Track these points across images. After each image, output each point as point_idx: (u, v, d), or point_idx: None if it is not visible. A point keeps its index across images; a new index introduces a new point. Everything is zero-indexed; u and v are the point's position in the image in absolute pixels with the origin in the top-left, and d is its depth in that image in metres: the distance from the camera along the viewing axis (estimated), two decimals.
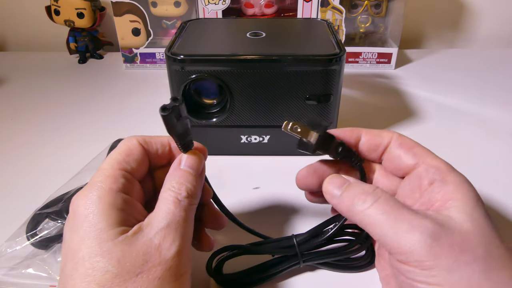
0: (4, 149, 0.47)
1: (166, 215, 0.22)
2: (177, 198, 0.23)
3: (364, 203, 0.22)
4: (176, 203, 0.23)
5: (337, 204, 0.24)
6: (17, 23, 0.82)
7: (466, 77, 0.65)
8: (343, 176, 0.25)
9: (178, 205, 0.23)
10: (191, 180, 0.24)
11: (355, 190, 0.24)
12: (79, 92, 0.62)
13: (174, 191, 0.23)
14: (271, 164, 0.43)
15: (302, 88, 0.39)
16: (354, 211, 0.23)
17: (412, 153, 0.25)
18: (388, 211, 0.22)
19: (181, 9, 0.67)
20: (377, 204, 0.22)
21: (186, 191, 0.24)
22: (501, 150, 0.46)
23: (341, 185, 0.24)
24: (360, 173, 0.27)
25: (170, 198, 0.23)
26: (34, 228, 0.32)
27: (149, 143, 0.27)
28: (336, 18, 0.65)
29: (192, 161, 0.25)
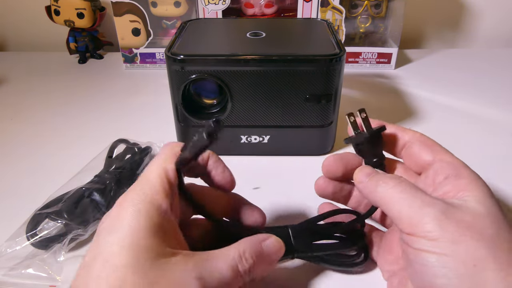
0: (4, 149, 0.47)
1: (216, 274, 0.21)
2: (237, 268, 0.22)
3: (386, 185, 0.25)
4: (233, 269, 0.22)
5: (363, 187, 0.26)
6: (17, 23, 0.82)
7: (466, 77, 0.65)
8: (371, 168, 0.27)
9: (233, 272, 0.22)
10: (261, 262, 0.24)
11: (380, 177, 0.26)
12: (79, 92, 0.62)
13: (241, 257, 0.23)
14: (271, 164, 0.43)
15: (302, 88, 0.39)
16: (377, 191, 0.25)
17: (430, 150, 0.27)
18: (406, 191, 0.24)
19: (181, 9, 0.67)
20: (398, 185, 0.24)
21: (249, 268, 0.23)
22: (502, 150, 0.46)
23: (370, 173, 0.27)
24: None
25: (231, 262, 0.22)
26: (34, 228, 0.32)
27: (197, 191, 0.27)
28: (336, 18, 0.65)
29: (272, 246, 0.25)
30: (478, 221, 0.21)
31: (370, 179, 0.26)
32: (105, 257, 0.19)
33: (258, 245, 0.24)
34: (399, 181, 0.25)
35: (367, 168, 0.28)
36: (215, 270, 0.21)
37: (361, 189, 0.27)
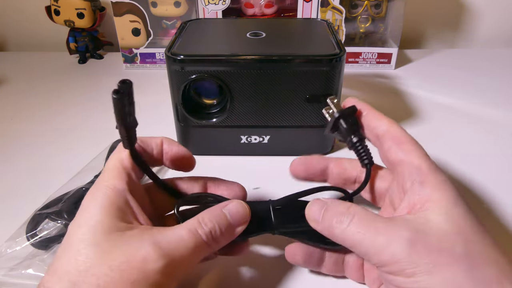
0: (4, 149, 0.47)
1: (173, 236, 0.22)
2: (196, 231, 0.23)
3: (341, 224, 0.23)
4: (192, 232, 0.23)
5: (319, 229, 0.25)
6: (17, 23, 0.82)
7: (466, 77, 0.65)
8: (321, 200, 0.26)
9: (191, 235, 0.22)
10: (223, 224, 0.24)
11: (331, 213, 0.24)
12: (79, 92, 0.62)
13: (199, 222, 0.23)
14: (271, 164, 0.43)
15: (302, 88, 0.39)
16: (335, 233, 0.24)
17: (401, 149, 0.25)
18: (363, 228, 0.22)
19: (181, 9, 0.67)
20: (352, 223, 0.23)
21: (210, 231, 0.23)
22: (502, 150, 0.46)
23: (320, 209, 0.25)
24: (366, 174, 0.27)
25: (190, 226, 0.23)
26: (34, 229, 0.32)
27: (145, 143, 0.27)
28: (336, 18, 0.65)
29: (235, 209, 0.25)
30: (445, 240, 0.20)
31: (322, 218, 0.24)
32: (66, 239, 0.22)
33: (218, 210, 0.25)
34: (351, 216, 0.23)
35: (315, 203, 0.25)
36: (172, 235, 0.22)
37: (320, 231, 0.25)
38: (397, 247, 0.21)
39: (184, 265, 0.22)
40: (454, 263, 0.20)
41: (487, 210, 0.36)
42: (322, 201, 0.25)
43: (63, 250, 0.21)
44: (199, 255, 0.23)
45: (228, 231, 0.24)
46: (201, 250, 0.23)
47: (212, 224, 0.23)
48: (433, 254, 0.20)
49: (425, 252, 0.20)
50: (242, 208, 0.25)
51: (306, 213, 0.26)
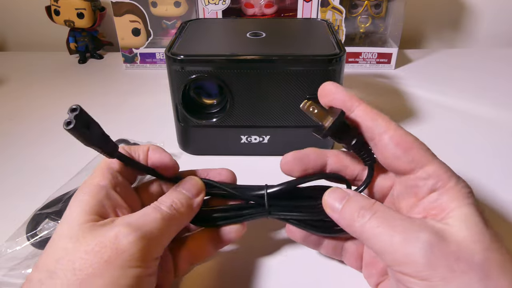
0: (4, 149, 0.47)
1: (140, 214, 0.23)
2: (158, 206, 0.24)
3: (362, 219, 0.23)
4: (155, 208, 0.24)
5: (337, 219, 0.24)
6: (17, 23, 0.82)
7: (466, 77, 0.65)
8: (343, 190, 0.25)
9: (155, 210, 0.24)
10: (180, 197, 0.26)
11: (354, 205, 0.24)
12: (79, 92, 0.62)
13: (159, 201, 0.25)
14: (271, 164, 0.43)
15: (302, 88, 0.39)
16: (354, 226, 0.23)
17: (410, 156, 0.23)
18: (384, 224, 0.22)
19: (181, 9, 0.67)
20: (374, 218, 0.22)
21: (170, 203, 0.25)
22: (502, 150, 0.46)
23: (341, 199, 0.24)
24: (368, 172, 0.26)
25: (152, 204, 0.24)
26: (34, 229, 0.32)
27: (133, 150, 0.28)
28: (336, 18, 0.65)
29: (189, 184, 0.27)
30: (465, 248, 0.20)
31: (343, 209, 0.24)
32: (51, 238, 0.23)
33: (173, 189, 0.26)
34: (374, 211, 0.23)
35: (336, 192, 0.25)
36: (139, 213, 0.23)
37: (336, 221, 0.25)
38: (414, 248, 0.20)
39: (156, 238, 0.23)
40: (470, 272, 0.20)
41: (487, 210, 0.36)
42: (344, 191, 0.25)
43: (45, 248, 0.22)
44: (169, 228, 0.24)
45: (187, 201, 0.26)
46: (169, 222, 0.24)
47: (170, 199, 0.25)
48: (451, 260, 0.20)
49: (443, 257, 0.20)
50: (194, 181, 0.27)
51: (325, 199, 0.25)
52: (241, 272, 0.31)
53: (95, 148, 0.24)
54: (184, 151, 0.45)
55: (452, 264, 0.20)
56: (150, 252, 0.22)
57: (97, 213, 0.23)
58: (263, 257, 0.32)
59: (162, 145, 0.44)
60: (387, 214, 0.22)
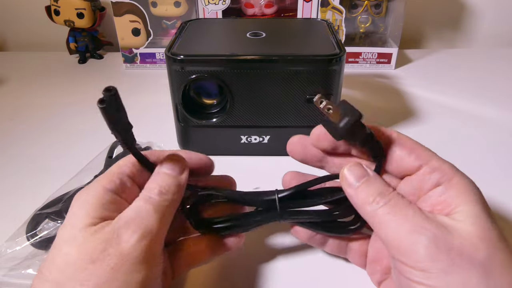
0: (4, 149, 0.47)
1: (134, 209, 0.23)
2: (147, 195, 0.24)
3: (376, 204, 0.23)
4: (145, 199, 0.23)
5: (351, 195, 0.24)
6: (17, 23, 0.82)
7: (466, 77, 0.65)
8: (364, 167, 0.25)
9: (147, 201, 0.23)
10: (166, 179, 0.25)
11: (371, 188, 0.24)
12: (79, 92, 0.62)
13: (147, 189, 0.24)
14: (271, 164, 0.43)
15: (302, 88, 0.39)
16: (365, 209, 0.23)
17: (415, 155, 0.24)
18: (395, 211, 0.22)
19: (181, 9, 0.67)
20: (388, 205, 0.22)
21: (159, 189, 0.24)
22: (502, 150, 0.46)
23: (360, 177, 0.24)
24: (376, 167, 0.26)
25: (142, 195, 0.24)
26: (34, 229, 0.32)
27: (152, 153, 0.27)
28: (336, 18, 0.65)
29: (169, 163, 0.26)
30: (469, 244, 0.20)
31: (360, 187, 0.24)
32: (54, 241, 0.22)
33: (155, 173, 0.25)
34: (389, 198, 0.23)
35: (357, 168, 0.25)
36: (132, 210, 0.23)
37: (349, 195, 0.25)
38: (419, 238, 0.21)
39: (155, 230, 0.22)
40: (471, 268, 0.20)
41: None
42: (365, 170, 0.24)
43: (49, 252, 0.22)
44: (163, 215, 0.23)
45: (174, 182, 0.25)
46: (161, 209, 0.23)
47: (156, 185, 0.24)
48: (453, 254, 0.20)
49: (446, 251, 0.20)
50: (175, 157, 0.26)
51: (344, 174, 0.25)
52: (242, 272, 0.31)
53: (117, 133, 0.23)
54: None
55: (454, 258, 0.20)
56: (152, 250, 0.22)
57: (101, 217, 0.22)
58: (265, 257, 0.32)
59: (162, 146, 0.44)
60: (400, 203, 0.23)
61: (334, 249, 0.29)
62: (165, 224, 0.24)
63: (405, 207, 0.22)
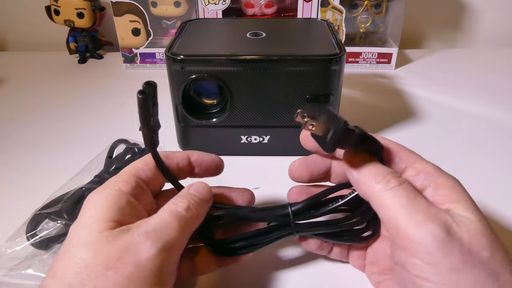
0: (4, 149, 0.47)
1: (158, 221, 0.22)
2: (175, 209, 0.23)
3: (387, 184, 0.22)
4: (172, 213, 0.23)
5: (355, 175, 0.23)
6: (17, 23, 0.82)
7: (466, 77, 0.65)
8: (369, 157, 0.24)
9: (173, 215, 0.23)
10: (196, 200, 0.25)
11: (379, 170, 0.23)
12: (79, 92, 0.62)
13: (175, 204, 0.24)
14: (271, 164, 0.43)
15: (302, 88, 0.39)
16: (374, 188, 0.22)
17: (398, 158, 0.24)
18: (409, 196, 0.21)
19: (181, 9, 0.67)
20: (400, 188, 0.21)
21: (187, 205, 0.24)
22: (502, 150, 0.46)
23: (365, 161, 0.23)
24: None
25: (168, 208, 0.24)
26: (34, 229, 0.32)
27: (169, 157, 0.27)
28: (336, 18, 0.65)
29: (200, 187, 0.26)
30: (475, 241, 0.20)
31: (366, 167, 0.23)
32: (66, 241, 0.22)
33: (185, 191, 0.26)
34: (401, 181, 0.22)
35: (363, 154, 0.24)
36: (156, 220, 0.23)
37: (352, 177, 0.24)
38: (434, 228, 0.20)
39: (175, 245, 0.22)
40: (480, 266, 0.19)
41: (486, 210, 0.36)
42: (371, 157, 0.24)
43: (61, 252, 0.22)
44: (185, 232, 0.23)
45: (200, 204, 0.25)
46: (185, 226, 0.23)
47: (186, 201, 0.24)
48: (463, 251, 0.19)
49: (457, 246, 0.19)
50: (204, 185, 0.27)
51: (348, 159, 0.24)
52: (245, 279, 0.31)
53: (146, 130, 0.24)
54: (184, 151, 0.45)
55: (464, 255, 0.19)
56: (169, 264, 0.22)
57: (117, 220, 0.22)
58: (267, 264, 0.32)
59: (163, 146, 0.44)
60: (414, 190, 0.22)
61: (338, 255, 0.30)
62: (185, 239, 0.24)
63: (419, 196, 0.21)
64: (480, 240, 0.20)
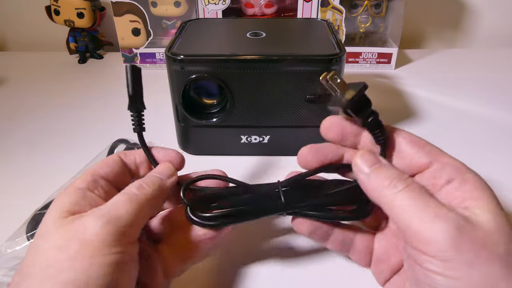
0: (4, 149, 0.47)
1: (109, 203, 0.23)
2: (128, 190, 0.24)
3: (394, 188, 0.22)
4: (124, 193, 0.24)
5: (364, 180, 0.24)
6: (17, 23, 0.82)
7: (466, 77, 0.65)
8: (376, 155, 0.25)
9: (124, 195, 0.24)
10: (153, 179, 0.26)
11: (387, 172, 0.23)
12: (79, 92, 0.62)
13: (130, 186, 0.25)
14: (271, 164, 0.43)
15: (302, 88, 0.39)
16: (382, 193, 0.23)
17: (425, 151, 0.24)
18: (416, 198, 0.21)
19: (181, 9, 0.67)
20: (407, 190, 0.22)
21: (140, 184, 0.25)
22: (501, 150, 0.46)
23: (372, 164, 0.24)
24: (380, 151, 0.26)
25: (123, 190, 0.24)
26: (34, 228, 0.32)
27: (127, 154, 0.28)
28: (336, 18, 0.65)
29: (161, 167, 0.27)
30: (490, 237, 0.20)
31: (374, 173, 0.23)
32: None
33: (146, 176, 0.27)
34: (407, 183, 0.22)
35: (369, 155, 0.24)
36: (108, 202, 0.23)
37: (361, 182, 0.24)
38: (444, 226, 0.20)
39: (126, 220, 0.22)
40: (495, 261, 0.19)
41: None
42: (377, 157, 0.24)
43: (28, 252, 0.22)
44: (140, 209, 0.23)
45: (158, 182, 0.26)
46: (138, 202, 0.23)
47: (141, 181, 0.25)
48: (477, 246, 0.20)
49: (470, 242, 0.20)
50: (166, 165, 0.28)
51: (356, 161, 0.25)
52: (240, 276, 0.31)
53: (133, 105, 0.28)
54: (184, 151, 0.45)
55: (478, 251, 0.19)
56: (122, 235, 0.22)
57: (71, 211, 0.23)
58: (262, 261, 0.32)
59: (162, 145, 0.44)
60: (421, 190, 0.22)
61: (337, 245, 0.28)
62: (141, 214, 0.24)
63: (426, 195, 0.22)
64: (495, 237, 0.20)
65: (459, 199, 0.22)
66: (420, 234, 0.20)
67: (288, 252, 0.32)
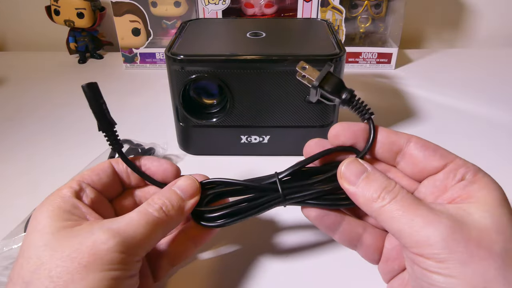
0: (4, 149, 0.47)
1: (124, 218, 0.22)
2: (146, 209, 0.23)
3: (382, 201, 0.22)
4: (141, 212, 0.23)
5: (352, 194, 0.24)
6: (17, 23, 0.82)
7: (466, 77, 0.65)
8: (360, 162, 0.24)
9: (141, 215, 0.23)
10: (173, 199, 0.25)
11: (373, 185, 0.23)
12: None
13: (148, 203, 0.24)
14: (271, 164, 0.43)
15: (302, 88, 0.39)
16: (372, 207, 0.23)
17: (439, 155, 0.24)
18: (405, 207, 0.22)
19: (181, 9, 0.67)
20: (394, 201, 0.22)
21: (160, 206, 0.24)
22: (501, 150, 0.46)
23: (359, 174, 0.24)
24: (370, 128, 0.26)
25: (140, 207, 0.23)
26: None
27: (119, 162, 0.28)
28: (336, 18, 0.65)
29: (184, 184, 0.26)
30: (485, 236, 0.20)
31: (360, 185, 0.23)
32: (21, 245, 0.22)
33: (167, 188, 0.25)
34: (395, 193, 0.23)
35: (354, 164, 0.24)
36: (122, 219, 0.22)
37: (350, 195, 0.24)
38: (435, 230, 0.20)
39: (138, 242, 0.22)
40: (489, 259, 0.20)
41: None
42: (362, 166, 0.24)
43: (15, 262, 0.22)
44: (155, 232, 0.23)
45: (179, 204, 0.25)
46: (155, 225, 0.23)
47: (161, 201, 0.24)
48: (471, 245, 0.20)
49: (463, 241, 0.20)
50: (190, 181, 0.26)
51: (341, 172, 0.25)
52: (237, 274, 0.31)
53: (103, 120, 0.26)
54: (184, 151, 0.45)
55: (472, 250, 0.20)
56: (130, 256, 0.22)
57: (67, 219, 0.22)
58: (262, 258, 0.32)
59: (166, 146, 0.44)
60: (408, 196, 0.22)
61: (345, 238, 0.27)
62: (154, 237, 0.23)
63: (414, 202, 0.22)
64: (492, 236, 0.20)
65: (462, 197, 0.22)
66: (414, 240, 0.21)
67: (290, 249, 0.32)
